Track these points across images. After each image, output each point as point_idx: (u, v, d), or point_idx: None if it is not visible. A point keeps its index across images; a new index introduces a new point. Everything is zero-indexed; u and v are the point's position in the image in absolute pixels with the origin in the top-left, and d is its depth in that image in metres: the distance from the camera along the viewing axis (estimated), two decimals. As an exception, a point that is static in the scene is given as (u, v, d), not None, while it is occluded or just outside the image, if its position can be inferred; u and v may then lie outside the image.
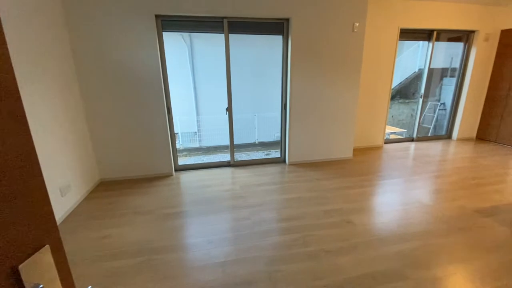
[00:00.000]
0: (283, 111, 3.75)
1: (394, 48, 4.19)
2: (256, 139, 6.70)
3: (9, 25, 1.98)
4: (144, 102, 3.15)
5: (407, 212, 2.51)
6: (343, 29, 3.41)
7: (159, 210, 2.62)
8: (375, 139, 4.59)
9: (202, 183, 3.23)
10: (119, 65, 2.98)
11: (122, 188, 3.12)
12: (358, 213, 2.49)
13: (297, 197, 2.80)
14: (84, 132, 3.01)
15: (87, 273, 1.80)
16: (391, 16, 4.03)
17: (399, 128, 6.39)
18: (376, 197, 2.83)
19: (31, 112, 2.14)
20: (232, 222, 2.38)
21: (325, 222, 2.34)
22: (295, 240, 2.10)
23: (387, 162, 3.88)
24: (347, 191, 2.93)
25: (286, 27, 3.37)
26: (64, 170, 2.56)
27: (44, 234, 0.50)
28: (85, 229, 2.31)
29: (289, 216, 2.45)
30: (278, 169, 3.67)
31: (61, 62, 2.63)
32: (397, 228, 2.25)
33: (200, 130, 6.97)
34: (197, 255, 1.95)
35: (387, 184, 3.13)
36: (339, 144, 3.89)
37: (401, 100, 6.67)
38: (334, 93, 3.64)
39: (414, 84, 6.75)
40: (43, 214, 0.50)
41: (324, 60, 3.48)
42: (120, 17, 2.85)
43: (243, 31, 3.36)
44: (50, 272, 0.51)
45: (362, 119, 4.36)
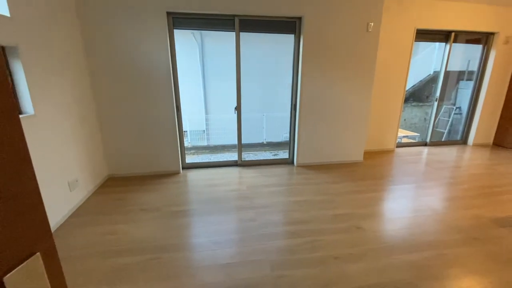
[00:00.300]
0: (293, 111, 3.69)
1: (409, 49, 4.06)
2: (264, 139, 6.65)
3: (21, 19, 1.99)
4: (154, 99, 3.15)
5: (419, 219, 2.42)
6: (357, 29, 3.32)
7: (165, 207, 2.61)
8: (386, 143, 4.47)
9: (209, 182, 3.21)
10: (129, 61, 2.98)
11: (129, 184, 3.13)
12: (368, 218, 2.42)
13: (305, 200, 2.74)
14: (94, 127, 3.03)
15: (93, 268, 1.79)
16: (408, 16, 3.90)
17: (412, 131, 6.22)
18: (387, 203, 2.74)
19: (43, 107, 2.15)
20: (238, 223, 2.34)
21: (334, 227, 2.27)
22: (303, 245, 2.05)
23: (399, 166, 3.77)
24: (357, 196, 2.85)
25: (298, 26, 3.31)
26: (74, 164, 2.58)
27: (36, 241, 0.47)
28: (92, 224, 2.32)
29: (296, 219, 2.40)
30: (286, 170, 3.62)
31: (72, 58, 2.65)
32: (408, 236, 2.17)
33: (208, 128, 6.98)
34: (202, 256, 1.92)
35: (399, 189, 3.04)
36: (349, 146, 3.80)
37: (414, 103, 6.49)
38: (346, 94, 3.56)
39: (428, 87, 6.56)
40: (35, 220, 0.47)
41: (337, 61, 3.40)
42: (132, 14, 2.85)
43: (254, 29, 3.32)
44: (40, 283, 0.47)
45: (374, 122, 4.25)
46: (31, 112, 2.04)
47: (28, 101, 2.01)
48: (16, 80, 1.98)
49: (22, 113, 2.03)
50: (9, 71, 1.96)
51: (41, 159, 2.11)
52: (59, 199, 2.32)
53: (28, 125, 1.99)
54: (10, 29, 1.87)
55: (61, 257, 1.87)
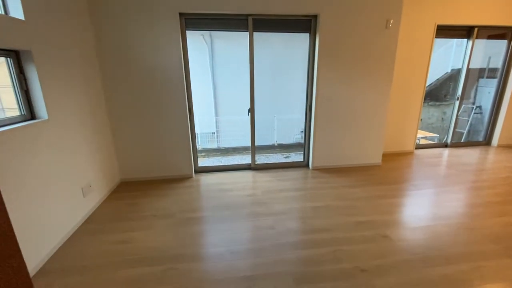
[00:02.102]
0: (308, 113, 3.56)
1: (429, 46, 3.88)
2: (275, 141, 6.53)
3: (35, 23, 1.95)
4: (166, 102, 3.09)
5: (450, 227, 2.25)
6: (375, 26, 3.17)
7: (179, 214, 2.53)
8: (405, 144, 4.28)
9: (223, 187, 3.12)
10: (142, 64, 2.93)
11: (142, 189, 3.07)
12: (393, 226, 2.27)
13: (324, 206, 2.61)
14: (107, 131, 2.99)
15: (109, 279, 1.72)
16: (428, 11, 3.72)
17: (429, 132, 5.98)
18: (412, 209, 2.58)
19: (56, 112, 2.11)
20: (255, 231, 2.23)
21: (358, 236, 2.14)
22: (326, 255, 1.92)
23: (420, 169, 3.59)
24: (379, 201, 2.70)
25: (313, 24, 3.19)
26: (87, 170, 2.53)
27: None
28: (105, 231, 2.26)
29: (317, 227, 2.27)
30: (301, 174, 3.49)
31: (85, 61, 2.61)
32: (440, 246, 2.01)
33: (218, 131, 6.91)
34: (220, 267, 1.82)
35: (423, 194, 2.87)
36: (367, 148, 3.64)
37: (431, 103, 6.25)
38: (364, 94, 3.41)
39: (446, 86, 6.31)
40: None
41: (354, 59, 3.26)
42: (144, 15, 2.80)
43: (268, 29, 3.22)
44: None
45: (392, 122, 4.07)
46: (44, 117, 1.99)
47: (42, 105, 1.97)
48: (30, 84, 1.94)
49: (36, 118, 1.99)
50: (23, 75, 1.92)
51: (54, 164, 2.06)
52: (72, 206, 2.27)
53: (41, 130, 1.94)
54: (24, 33, 1.82)
55: (74, 267, 1.81)
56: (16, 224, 1.67)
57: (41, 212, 1.90)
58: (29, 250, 1.76)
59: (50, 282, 1.71)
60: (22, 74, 1.92)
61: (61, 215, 2.11)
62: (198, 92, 3.22)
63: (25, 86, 1.94)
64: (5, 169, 1.61)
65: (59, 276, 1.76)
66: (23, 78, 1.92)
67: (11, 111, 1.91)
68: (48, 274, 1.78)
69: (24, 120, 1.92)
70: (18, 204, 1.69)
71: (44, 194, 1.93)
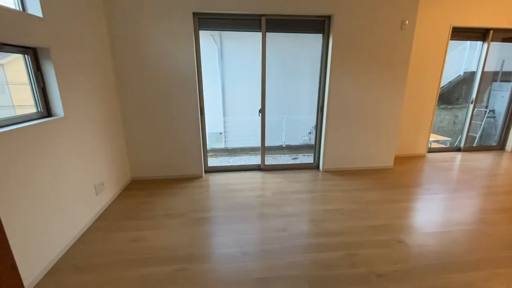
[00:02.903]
0: (319, 114, 3.52)
1: (444, 48, 3.81)
2: (283, 142, 6.50)
3: (52, 20, 1.97)
4: (178, 102, 3.09)
5: (467, 233, 2.19)
6: (390, 27, 3.12)
7: (190, 213, 2.52)
8: (417, 147, 4.21)
9: (233, 187, 3.10)
10: (155, 63, 2.94)
11: (153, 188, 3.07)
12: (408, 231, 2.22)
13: (336, 209, 2.57)
14: (119, 130, 3.00)
15: (122, 277, 1.71)
16: (443, 13, 3.66)
17: (440, 135, 5.88)
18: (426, 214, 2.52)
19: (71, 110, 2.12)
20: (267, 233, 2.21)
21: (372, 240, 2.10)
22: (340, 259, 1.89)
23: (434, 173, 3.52)
24: (392, 205, 2.65)
25: (327, 24, 3.15)
26: (100, 167, 2.54)
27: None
28: (117, 229, 2.26)
29: (330, 230, 2.24)
30: (311, 175, 3.45)
31: (100, 59, 2.62)
32: (458, 252, 1.96)
33: (226, 131, 6.91)
34: (233, 268, 1.80)
35: (437, 199, 2.80)
36: (379, 151, 3.59)
37: (443, 106, 6.14)
38: (377, 96, 3.36)
39: (458, 89, 6.19)
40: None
41: (368, 60, 3.21)
42: (158, 15, 2.80)
43: (281, 29, 3.20)
44: None
45: (404, 125, 4.00)
46: (61, 114, 2.00)
47: (59, 103, 1.98)
48: (47, 82, 1.95)
49: (52, 115, 2.00)
50: (40, 72, 1.93)
51: (69, 161, 2.07)
52: (85, 203, 2.28)
53: (57, 128, 1.95)
54: (42, 30, 1.84)
55: (87, 265, 1.81)
56: (31, 220, 1.68)
57: (56, 208, 1.90)
58: (43, 246, 1.77)
59: (63, 279, 1.72)
60: (40, 71, 1.93)
61: (74, 212, 2.12)
62: (207, 92, 3.21)
63: (42, 84, 1.95)
64: (23, 164, 1.62)
65: (73, 273, 1.76)
66: (40, 75, 1.93)
67: (21, 109, 1.91)
68: (62, 271, 1.78)
69: (41, 117, 1.93)
70: (33, 199, 1.70)
71: (58, 190, 1.94)
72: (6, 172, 1.50)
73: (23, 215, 1.61)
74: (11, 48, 1.70)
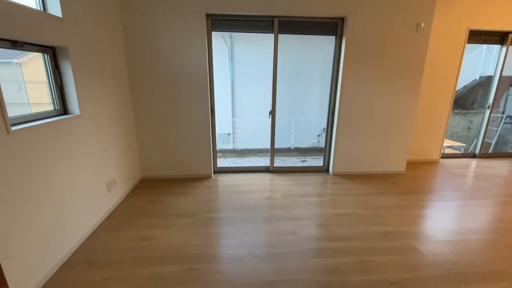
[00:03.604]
0: (330, 117, 3.48)
1: (460, 51, 3.71)
2: (292, 144, 6.47)
3: (71, 20, 2.01)
4: (189, 102, 3.11)
5: (484, 243, 2.12)
6: (405, 30, 3.07)
7: (200, 213, 2.52)
8: (430, 153, 4.11)
9: (242, 188, 3.09)
10: (168, 63, 2.97)
11: (163, 186, 3.09)
12: (422, 238, 2.16)
13: (347, 213, 2.53)
14: (131, 129, 3.04)
15: (132, 276, 1.73)
16: (460, 15, 3.57)
17: (453, 141, 5.73)
18: (441, 221, 2.45)
19: (87, 108, 2.16)
20: (277, 235, 2.19)
21: (385, 246, 2.05)
22: (352, 265, 1.85)
23: (447, 180, 3.42)
24: (405, 211, 2.59)
25: (340, 26, 3.12)
26: (112, 165, 2.58)
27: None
28: (127, 227, 2.28)
29: (341, 234, 2.20)
30: (321, 179, 3.41)
31: (114, 59, 2.67)
32: (474, 263, 1.89)
33: (235, 132, 6.92)
34: (242, 270, 1.79)
35: (452, 206, 2.72)
36: (391, 156, 3.52)
37: (457, 111, 5.98)
38: (390, 99, 3.30)
39: (473, 93, 6.03)
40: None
41: (381, 64, 3.16)
42: (173, 16, 2.83)
43: (293, 31, 3.19)
44: None
45: (417, 129, 3.92)
46: (77, 112, 2.04)
47: (75, 101, 2.02)
48: (64, 80, 1.99)
49: (68, 113, 2.04)
50: (59, 71, 1.97)
51: (84, 158, 2.11)
52: (98, 200, 2.31)
53: (73, 125, 1.99)
54: (61, 29, 1.88)
55: (100, 261, 1.83)
56: (48, 215, 1.72)
57: (71, 204, 1.94)
58: (58, 241, 1.80)
59: (76, 274, 1.74)
60: (58, 70, 1.98)
61: (87, 208, 2.15)
62: (216, 93, 3.23)
63: (60, 82, 1.99)
64: (43, 160, 1.65)
65: (85, 269, 1.78)
66: (58, 74, 1.98)
67: (36, 106, 1.95)
68: (75, 267, 1.81)
69: (58, 114, 1.97)
70: (52, 194, 1.73)
71: (73, 186, 1.97)
72: (28, 167, 1.53)
73: (42, 209, 1.64)
74: (31, 47, 1.75)
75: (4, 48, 1.57)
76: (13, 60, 1.94)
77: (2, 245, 1.38)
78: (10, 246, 1.43)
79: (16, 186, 1.47)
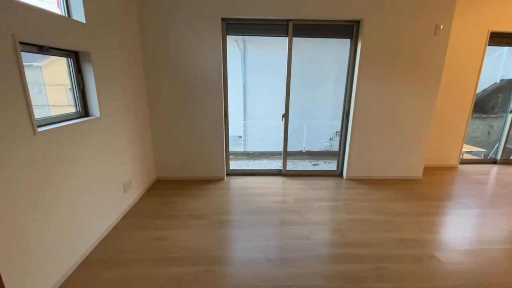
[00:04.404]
0: (344, 120, 3.44)
1: (481, 53, 3.60)
2: (303, 147, 6.42)
3: (93, 26, 2.08)
4: (204, 105, 3.15)
5: (508, 253, 2.03)
6: (423, 32, 3.00)
7: (213, 215, 2.54)
8: (448, 158, 3.99)
9: (254, 191, 3.09)
10: (184, 67, 3.02)
11: (177, 188, 3.13)
12: (441, 247, 2.09)
13: (362, 219, 2.48)
14: (147, 131, 3.11)
15: (148, 276, 1.75)
16: (480, 17, 3.46)
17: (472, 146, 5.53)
18: (461, 229, 2.37)
19: (106, 110, 2.22)
20: (290, 240, 2.17)
21: (402, 254, 1.99)
22: (368, 272, 1.81)
23: (467, 186, 3.31)
24: (422, 218, 2.52)
25: (356, 29, 3.09)
26: (129, 166, 2.64)
27: None
28: (143, 227, 2.32)
29: (356, 240, 2.16)
30: (335, 183, 3.37)
31: (132, 64, 2.74)
32: (497, 273, 1.81)
33: (246, 134, 6.95)
34: (257, 274, 1.78)
35: (473, 214, 2.63)
36: (407, 160, 3.43)
37: (476, 115, 5.77)
38: (406, 103, 3.23)
39: (494, 97, 5.82)
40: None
41: (398, 67, 3.10)
42: (189, 21, 2.89)
43: (308, 34, 3.18)
44: None
45: (435, 134, 3.81)
46: (97, 114, 2.11)
47: (96, 104, 2.09)
48: (86, 84, 2.06)
49: (89, 115, 2.11)
50: (81, 75, 2.04)
51: (102, 159, 2.17)
52: (115, 200, 2.37)
53: (94, 127, 2.05)
54: (85, 35, 1.95)
55: (115, 260, 1.87)
56: (69, 213, 1.77)
57: (90, 203, 1.99)
58: (76, 240, 1.85)
59: (94, 273, 1.78)
60: (80, 73, 2.05)
61: (105, 208, 2.21)
62: (229, 95, 3.26)
63: (82, 85, 2.06)
64: (66, 161, 1.71)
65: (102, 268, 1.83)
66: (80, 78, 2.05)
67: (55, 108, 2.01)
68: (92, 266, 1.85)
69: (80, 116, 2.04)
70: (74, 193, 1.79)
71: (91, 186, 2.03)
72: (50, 167, 1.59)
73: (62, 208, 1.70)
74: (57, 52, 1.82)
75: (32, 52, 1.64)
76: (34, 63, 2.02)
77: (27, 241, 1.44)
78: (33, 242, 1.48)
79: (39, 185, 1.53)
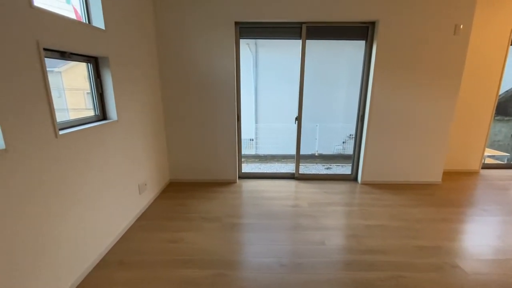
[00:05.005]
0: (359, 123, 3.37)
1: (504, 53, 3.45)
2: (316, 151, 6.34)
3: (112, 32, 2.14)
4: (217, 108, 3.17)
5: (538, 265, 1.91)
6: (442, 32, 2.91)
7: (226, 218, 2.53)
8: (469, 162, 3.83)
9: (267, 195, 3.07)
10: (198, 71, 3.06)
11: (190, 190, 3.16)
12: (464, 256, 2.00)
13: (379, 225, 2.41)
14: (162, 134, 3.16)
15: (161, 277, 1.76)
16: (503, 15, 3.32)
17: (494, 150, 5.29)
18: (484, 238, 2.25)
19: (124, 114, 2.27)
20: (304, 245, 2.13)
21: (422, 262, 1.92)
22: (386, 280, 1.75)
23: (490, 192, 3.15)
24: (442, 225, 2.42)
25: (371, 31, 3.04)
26: (144, 168, 2.68)
27: None
28: (156, 229, 2.35)
29: (372, 247, 2.10)
30: (349, 187, 3.30)
31: (148, 68, 2.80)
32: (528, 287, 1.70)
33: (257, 137, 6.95)
34: (271, 279, 1.76)
35: (497, 222, 2.50)
36: (426, 165, 3.32)
37: (498, 117, 5.54)
38: (425, 105, 3.13)
39: (517, 99, 5.56)
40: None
41: (415, 68, 3.02)
42: (204, 25, 2.93)
43: (321, 36, 3.15)
44: None
45: (455, 137, 3.67)
46: (115, 118, 2.16)
47: (113, 107, 2.14)
48: (104, 88, 2.12)
49: (107, 119, 2.16)
50: (100, 79, 2.10)
51: (119, 161, 2.21)
52: (130, 202, 2.41)
53: (112, 129, 2.10)
54: (104, 41, 2.01)
55: (131, 261, 1.89)
56: (86, 215, 1.81)
57: (107, 204, 2.04)
58: (93, 241, 1.89)
59: (110, 273, 1.81)
60: (99, 78, 2.11)
61: (120, 209, 2.25)
62: (241, 99, 3.27)
63: (101, 89, 2.12)
64: (85, 162, 1.76)
65: (119, 269, 1.85)
66: (99, 82, 2.11)
67: (73, 112, 2.08)
68: (108, 266, 1.89)
69: (98, 120, 2.10)
70: (91, 194, 1.83)
71: (108, 188, 2.07)
72: (71, 168, 1.64)
73: (80, 209, 1.74)
74: (78, 57, 1.88)
75: (54, 58, 1.71)
76: (54, 69, 2.11)
77: (43, 244, 1.48)
78: (49, 244, 1.53)
79: (57, 186, 1.58)
